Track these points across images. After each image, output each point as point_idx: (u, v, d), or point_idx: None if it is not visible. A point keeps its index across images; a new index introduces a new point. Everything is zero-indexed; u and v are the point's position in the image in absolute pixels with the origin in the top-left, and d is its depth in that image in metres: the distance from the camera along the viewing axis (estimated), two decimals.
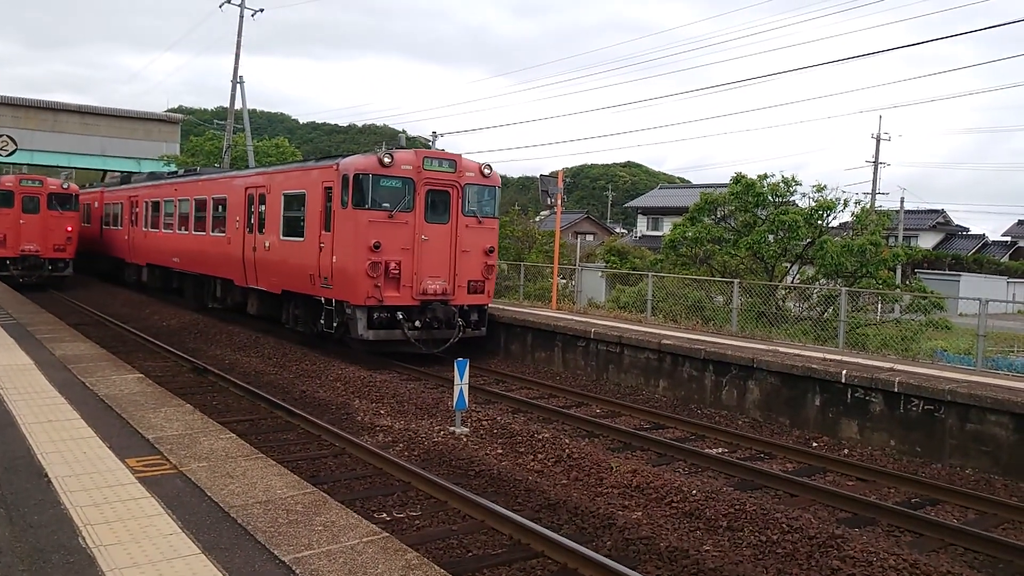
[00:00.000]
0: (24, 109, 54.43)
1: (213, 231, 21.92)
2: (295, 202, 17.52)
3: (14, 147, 37.75)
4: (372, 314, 15.45)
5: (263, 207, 18.92)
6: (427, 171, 15.82)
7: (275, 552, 5.08)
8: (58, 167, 70.07)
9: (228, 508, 5.87)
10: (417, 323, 15.75)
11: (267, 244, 18.46)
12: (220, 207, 21.62)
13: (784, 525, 7.78)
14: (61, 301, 25.70)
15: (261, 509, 5.88)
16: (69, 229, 29.42)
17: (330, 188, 15.91)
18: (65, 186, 29.87)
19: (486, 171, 16.82)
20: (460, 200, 16.27)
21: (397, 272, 15.39)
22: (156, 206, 26.74)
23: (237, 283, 20.50)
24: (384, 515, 7.93)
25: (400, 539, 5.75)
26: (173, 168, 39.82)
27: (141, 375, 11.65)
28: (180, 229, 24.37)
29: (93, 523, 5.47)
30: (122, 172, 58.39)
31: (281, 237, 17.85)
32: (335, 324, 16.14)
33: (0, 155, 38.99)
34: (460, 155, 16.72)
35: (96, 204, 35.10)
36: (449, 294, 16.11)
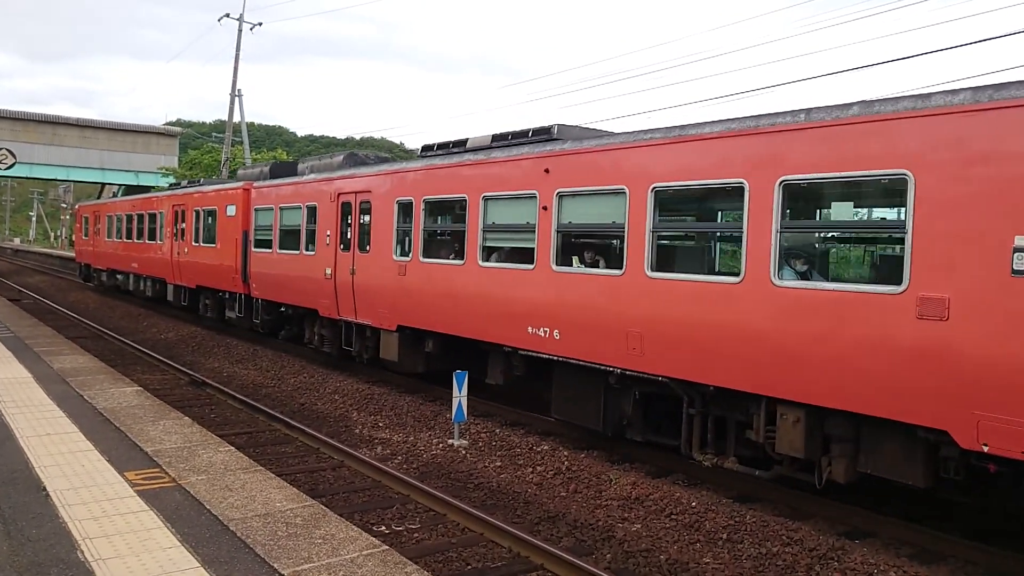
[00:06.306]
0: (23, 123, 54.62)
1: (725, 271, 10.64)
2: None
3: (13, 160, 37.67)
4: None
5: None
6: None
7: (275, 566, 5.08)
8: (56, 180, 70.26)
9: (227, 521, 5.87)
10: None
11: None
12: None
13: (784, 537, 7.77)
14: (60, 314, 25.67)
15: (260, 522, 5.88)
16: None
17: None
18: None
19: None
20: None
21: None
22: (458, 210, 12.74)
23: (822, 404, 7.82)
24: (383, 528, 7.91)
25: (400, 552, 5.75)
26: (172, 180, 39.86)
27: (139, 388, 11.67)
28: (569, 263, 10.60)
29: (92, 536, 5.46)
30: (120, 185, 58.62)
31: None
32: None
33: None
34: None
35: (233, 209, 20.15)
36: None
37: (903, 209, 7.19)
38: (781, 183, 8.01)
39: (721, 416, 9.17)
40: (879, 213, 9.35)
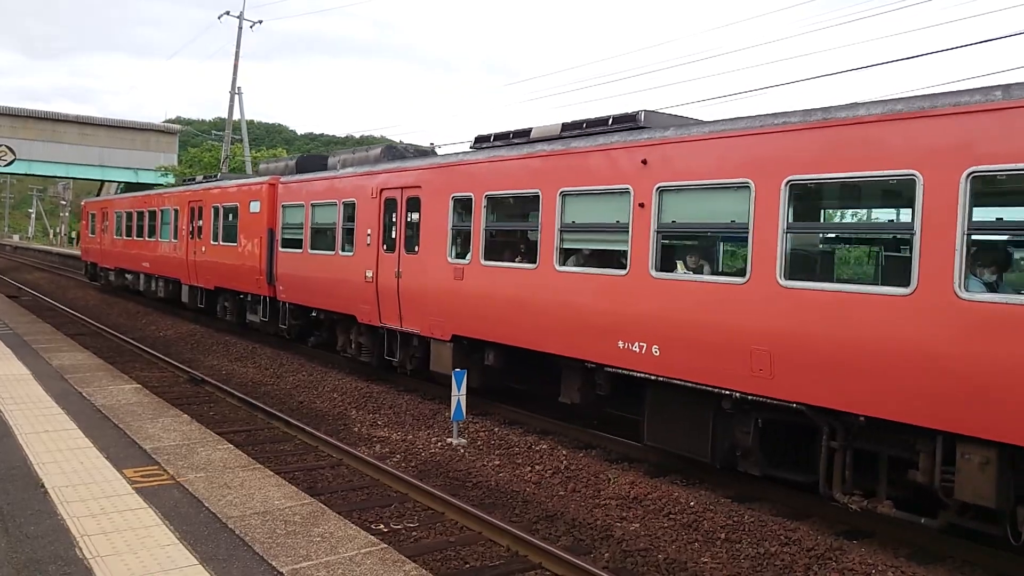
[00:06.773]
0: (23, 119, 54.67)
1: None
2: None
3: (13, 157, 37.56)
4: None
5: None
6: None
7: (273, 563, 5.08)
8: (56, 177, 70.22)
9: (226, 519, 5.87)
10: None
11: None
12: None
13: (782, 537, 7.77)
14: (59, 311, 25.65)
15: (259, 520, 5.88)
16: None
17: None
18: None
19: None
20: None
21: None
22: (528, 207, 11.60)
23: None
24: (382, 526, 7.91)
25: (398, 550, 5.76)
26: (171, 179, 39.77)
27: (138, 385, 11.67)
28: None
29: (90, 534, 5.46)
30: (120, 182, 58.59)
31: None
32: None
33: None
34: None
35: (257, 206, 18.65)
36: None
37: None
38: (969, 175, 6.54)
39: (868, 451, 7.77)
40: None
